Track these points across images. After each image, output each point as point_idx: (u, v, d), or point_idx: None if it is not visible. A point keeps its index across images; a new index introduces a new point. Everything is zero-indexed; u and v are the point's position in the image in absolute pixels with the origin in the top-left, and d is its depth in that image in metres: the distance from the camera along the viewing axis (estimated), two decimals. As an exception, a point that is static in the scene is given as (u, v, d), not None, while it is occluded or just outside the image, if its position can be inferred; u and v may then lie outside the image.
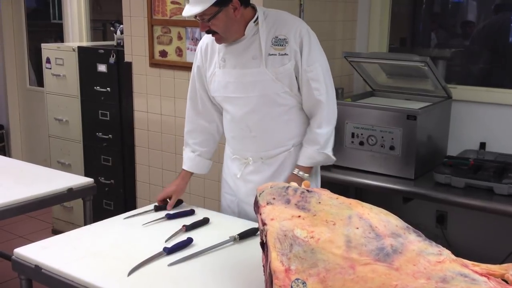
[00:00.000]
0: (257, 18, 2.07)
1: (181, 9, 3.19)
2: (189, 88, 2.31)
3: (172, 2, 3.23)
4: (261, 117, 2.12)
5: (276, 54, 2.06)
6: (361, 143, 2.89)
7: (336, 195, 1.48)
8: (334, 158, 2.21)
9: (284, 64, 2.06)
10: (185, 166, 2.35)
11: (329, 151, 2.17)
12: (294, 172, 2.17)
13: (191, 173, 2.36)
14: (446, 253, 1.32)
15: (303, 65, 2.07)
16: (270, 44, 2.06)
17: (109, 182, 3.86)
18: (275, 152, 2.18)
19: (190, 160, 2.34)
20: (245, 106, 2.12)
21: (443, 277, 1.26)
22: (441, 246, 1.34)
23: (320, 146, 2.14)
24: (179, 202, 2.30)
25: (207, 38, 2.19)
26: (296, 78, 2.09)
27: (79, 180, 2.75)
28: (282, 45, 2.06)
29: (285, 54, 2.06)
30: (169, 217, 2.15)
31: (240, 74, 2.09)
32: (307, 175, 2.17)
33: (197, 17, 2.01)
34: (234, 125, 2.19)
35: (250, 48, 2.08)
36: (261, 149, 2.18)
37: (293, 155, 2.19)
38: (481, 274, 1.28)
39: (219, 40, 2.08)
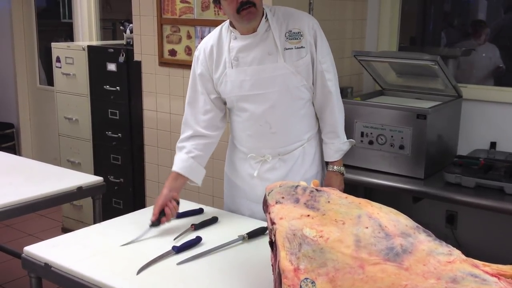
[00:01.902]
0: (266, 15, 2.07)
1: (191, 8, 3.20)
2: (189, 95, 2.20)
3: (181, 1, 3.23)
4: (282, 113, 2.11)
5: (292, 48, 2.07)
6: (371, 143, 2.88)
7: (345, 195, 1.47)
8: (354, 141, 2.28)
9: (302, 57, 2.08)
10: (176, 168, 2.14)
11: (347, 138, 2.24)
12: (331, 170, 2.22)
13: (183, 181, 2.14)
14: (457, 253, 1.31)
15: (318, 56, 2.11)
16: (284, 39, 2.07)
17: (118, 180, 3.87)
18: (292, 148, 2.17)
19: (183, 161, 2.15)
20: (265, 102, 2.09)
21: (453, 277, 1.25)
22: (451, 246, 1.33)
23: (341, 137, 2.21)
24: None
25: (208, 42, 2.15)
26: (312, 70, 2.12)
27: (88, 178, 2.76)
28: (297, 38, 2.07)
29: (302, 47, 2.08)
30: (178, 216, 2.15)
31: (256, 71, 2.07)
32: (343, 168, 2.23)
33: None
34: (253, 122, 2.14)
35: (264, 44, 2.07)
36: (280, 145, 2.16)
37: (307, 150, 2.20)
38: (492, 275, 1.27)
39: (253, 15, 1.99)
